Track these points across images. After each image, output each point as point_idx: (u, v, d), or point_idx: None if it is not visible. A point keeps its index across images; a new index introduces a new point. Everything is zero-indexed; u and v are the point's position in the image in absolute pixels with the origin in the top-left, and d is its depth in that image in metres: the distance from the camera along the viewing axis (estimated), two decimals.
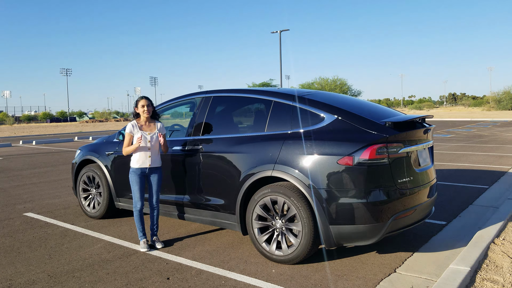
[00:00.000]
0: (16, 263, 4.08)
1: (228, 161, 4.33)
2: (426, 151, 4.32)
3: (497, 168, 9.17)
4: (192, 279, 3.62)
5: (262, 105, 4.53)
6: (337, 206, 3.64)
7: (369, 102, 4.92)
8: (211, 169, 4.47)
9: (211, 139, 4.55)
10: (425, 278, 3.52)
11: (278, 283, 3.50)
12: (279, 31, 39.44)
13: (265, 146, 4.09)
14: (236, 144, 4.32)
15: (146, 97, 4.52)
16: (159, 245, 4.44)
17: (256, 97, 4.60)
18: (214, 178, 4.45)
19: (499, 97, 67.27)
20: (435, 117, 37.73)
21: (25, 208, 6.33)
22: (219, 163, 4.40)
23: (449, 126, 26.26)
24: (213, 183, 4.45)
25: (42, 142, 20.27)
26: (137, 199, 4.42)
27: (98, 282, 3.60)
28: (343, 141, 3.71)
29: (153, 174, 4.48)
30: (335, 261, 3.95)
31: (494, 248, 4.08)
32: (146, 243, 4.41)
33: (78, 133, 30.09)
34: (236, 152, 4.28)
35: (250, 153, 4.17)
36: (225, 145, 4.41)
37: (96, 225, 5.34)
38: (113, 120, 67.55)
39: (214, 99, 4.82)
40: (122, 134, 5.24)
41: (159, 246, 4.43)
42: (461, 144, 14.82)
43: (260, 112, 4.57)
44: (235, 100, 4.80)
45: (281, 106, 4.25)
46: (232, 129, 4.63)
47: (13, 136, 27.02)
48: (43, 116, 75.22)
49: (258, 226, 4.05)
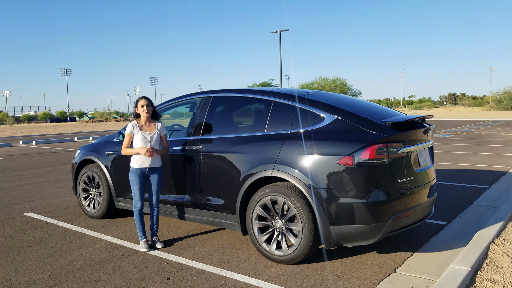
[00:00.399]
0: (16, 263, 4.08)
1: (228, 161, 4.33)
2: (426, 151, 4.32)
3: (497, 168, 9.17)
4: (192, 279, 3.62)
5: (262, 105, 4.54)
6: (337, 206, 3.64)
7: (369, 102, 4.93)
8: (211, 169, 4.47)
9: (211, 139, 4.56)
10: (425, 278, 3.52)
11: (278, 283, 3.50)
12: (279, 31, 39.44)
13: (265, 146, 4.09)
14: (236, 144, 4.32)
15: (146, 97, 4.52)
16: (159, 245, 4.44)
17: (256, 97, 4.60)
18: (214, 178, 4.45)
19: (499, 97, 67.26)
20: (435, 117, 37.73)
21: (25, 208, 6.33)
22: (219, 163, 4.40)
23: (449, 126, 26.26)
24: (213, 183, 4.45)
25: (42, 142, 20.27)
26: (137, 199, 4.42)
27: (98, 282, 3.60)
28: (343, 141, 3.71)
29: (153, 174, 4.48)
30: (335, 261, 3.96)
31: (494, 248, 4.08)
32: (146, 243, 4.41)
33: (78, 133, 30.10)
34: (236, 152, 4.28)
35: (250, 153, 4.17)
36: (225, 145, 4.41)
37: (96, 225, 5.34)
38: (113, 120, 67.58)
39: (214, 99, 4.82)
40: (122, 134, 5.24)
41: (159, 246, 4.43)
42: (461, 144, 14.83)
43: (260, 112, 4.57)
44: (235, 100, 4.80)
45: (281, 106, 4.25)
46: (232, 129, 4.63)
47: (13, 136, 27.02)
48: (43, 116, 75.25)
49: (258, 226, 4.05)
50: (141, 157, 4.39)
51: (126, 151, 4.43)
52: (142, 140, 4.39)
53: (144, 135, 4.40)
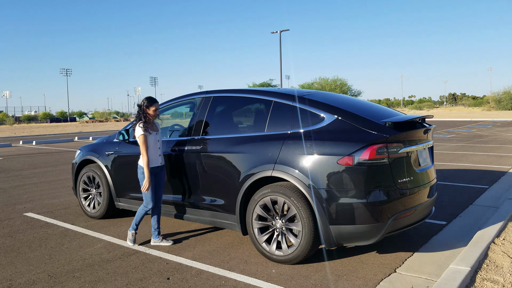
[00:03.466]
0: (16, 263, 4.08)
1: (228, 161, 4.33)
2: (426, 151, 4.32)
3: (497, 168, 9.17)
4: (192, 279, 3.62)
5: (262, 105, 4.54)
6: (337, 206, 3.64)
7: (369, 102, 4.92)
8: (211, 169, 4.47)
9: (211, 139, 4.55)
10: (425, 278, 3.52)
11: (278, 283, 3.50)
12: (279, 31, 39.43)
13: (265, 146, 4.09)
14: (236, 144, 4.32)
15: (158, 101, 4.58)
16: (169, 242, 4.53)
17: (256, 97, 4.60)
18: (214, 178, 4.45)
19: (499, 97, 67.27)
20: (435, 117, 37.73)
21: (25, 208, 6.33)
22: (219, 163, 4.40)
23: (449, 126, 26.26)
24: (213, 183, 4.46)
25: (42, 142, 20.27)
26: (150, 199, 4.42)
27: (98, 282, 3.60)
28: (343, 141, 3.71)
29: (161, 172, 4.59)
30: (335, 261, 3.96)
31: (494, 248, 4.08)
32: (135, 236, 4.53)
33: (78, 133, 30.10)
34: (236, 152, 4.28)
35: (250, 153, 4.17)
36: (225, 145, 4.41)
37: (96, 225, 5.34)
38: (113, 120, 67.55)
39: (214, 99, 4.82)
40: (122, 134, 5.24)
41: (169, 243, 4.52)
42: (461, 144, 14.82)
43: (260, 112, 4.57)
44: (235, 100, 4.80)
45: (281, 106, 4.25)
46: (232, 129, 4.63)
47: (13, 136, 27.02)
48: (43, 116, 75.25)
49: (258, 226, 4.05)
50: (153, 156, 4.44)
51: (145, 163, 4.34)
52: (154, 141, 4.47)
53: (154, 136, 4.48)
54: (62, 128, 40.41)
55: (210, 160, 4.48)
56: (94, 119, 75.12)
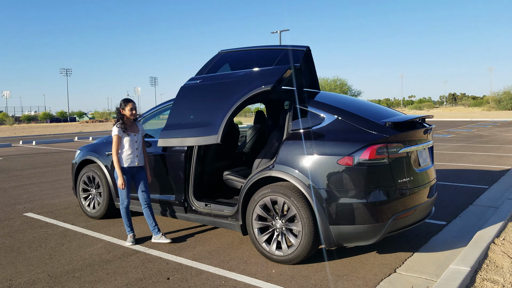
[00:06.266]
0: (16, 263, 4.08)
1: None
2: (426, 151, 4.32)
3: (497, 168, 9.17)
4: (192, 279, 3.62)
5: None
6: (337, 206, 3.64)
7: (369, 102, 4.92)
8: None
9: None
10: (425, 278, 3.52)
11: (278, 283, 3.50)
12: (279, 31, 39.41)
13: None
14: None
15: (133, 101, 4.66)
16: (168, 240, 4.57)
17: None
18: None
19: (499, 97, 67.22)
20: (435, 117, 37.72)
21: (25, 208, 6.33)
22: None
23: (449, 126, 26.26)
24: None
25: (42, 142, 20.27)
26: (125, 197, 4.55)
27: (98, 282, 3.60)
28: (343, 141, 3.71)
29: (141, 173, 4.63)
30: (335, 261, 3.95)
31: (494, 248, 4.08)
32: (133, 237, 4.57)
33: (78, 133, 30.10)
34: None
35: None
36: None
37: (96, 225, 5.34)
38: (113, 120, 67.24)
39: None
40: None
41: (168, 240, 4.55)
42: (461, 144, 14.82)
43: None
44: None
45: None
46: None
47: (13, 136, 27.02)
48: (43, 116, 75.18)
49: (258, 226, 4.05)
50: (130, 157, 4.50)
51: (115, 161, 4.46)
52: (130, 141, 4.51)
53: (131, 137, 4.52)
54: (62, 128, 40.40)
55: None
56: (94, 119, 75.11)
